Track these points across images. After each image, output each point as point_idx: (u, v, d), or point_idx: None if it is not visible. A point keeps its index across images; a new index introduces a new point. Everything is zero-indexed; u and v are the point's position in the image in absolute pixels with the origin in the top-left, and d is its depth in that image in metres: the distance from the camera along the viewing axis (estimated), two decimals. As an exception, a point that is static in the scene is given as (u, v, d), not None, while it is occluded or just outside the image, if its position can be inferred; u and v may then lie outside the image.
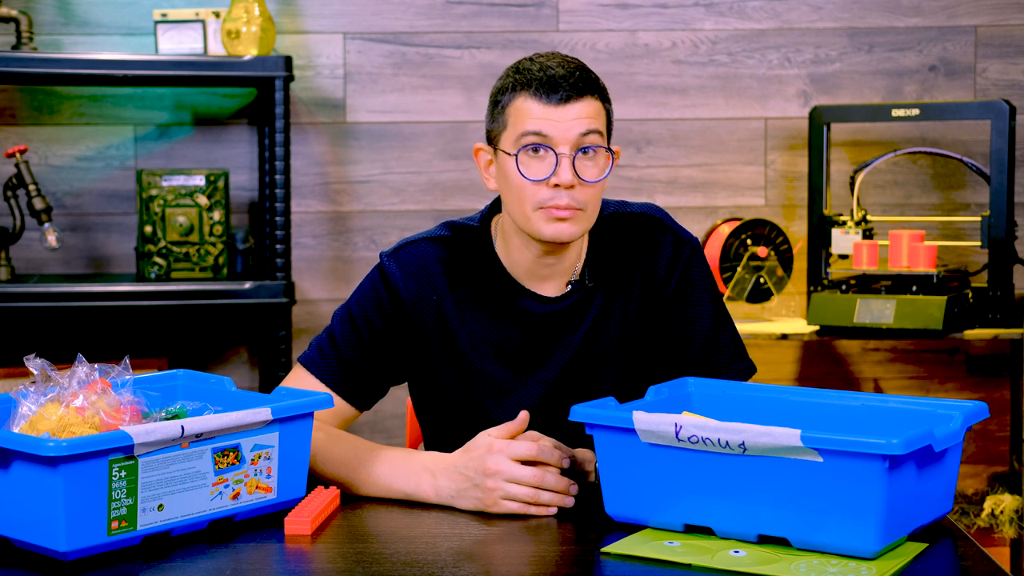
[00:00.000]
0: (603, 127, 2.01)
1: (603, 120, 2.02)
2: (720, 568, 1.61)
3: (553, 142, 1.97)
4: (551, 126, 1.97)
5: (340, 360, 2.09)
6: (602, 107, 2.02)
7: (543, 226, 1.99)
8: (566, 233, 2.00)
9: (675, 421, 1.70)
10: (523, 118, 1.98)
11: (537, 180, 1.98)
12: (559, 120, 1.97)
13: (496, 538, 1.77)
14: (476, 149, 2.09)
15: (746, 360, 2.15)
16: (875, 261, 3.47)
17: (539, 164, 1.98)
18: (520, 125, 1.99)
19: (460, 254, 2.12)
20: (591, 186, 1.99)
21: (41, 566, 1.63)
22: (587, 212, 2.00)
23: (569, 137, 1.97)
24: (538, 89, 1.98)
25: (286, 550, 1.72)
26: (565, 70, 1.99)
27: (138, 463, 1.66)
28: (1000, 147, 3.40)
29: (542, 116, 1.97)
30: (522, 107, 1.99)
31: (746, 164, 3.75)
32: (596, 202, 2.02)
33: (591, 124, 1.98)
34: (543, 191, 1.98)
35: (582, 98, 1.98)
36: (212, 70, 3.37)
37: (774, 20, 3.73)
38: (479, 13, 3.69)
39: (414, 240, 2.13)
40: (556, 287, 2.10)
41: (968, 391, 3.78)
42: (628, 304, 2.11)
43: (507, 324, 2.10)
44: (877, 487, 1.59)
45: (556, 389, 2.10)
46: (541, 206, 1.99)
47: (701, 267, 2.13)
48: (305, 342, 3.68)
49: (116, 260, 3.68)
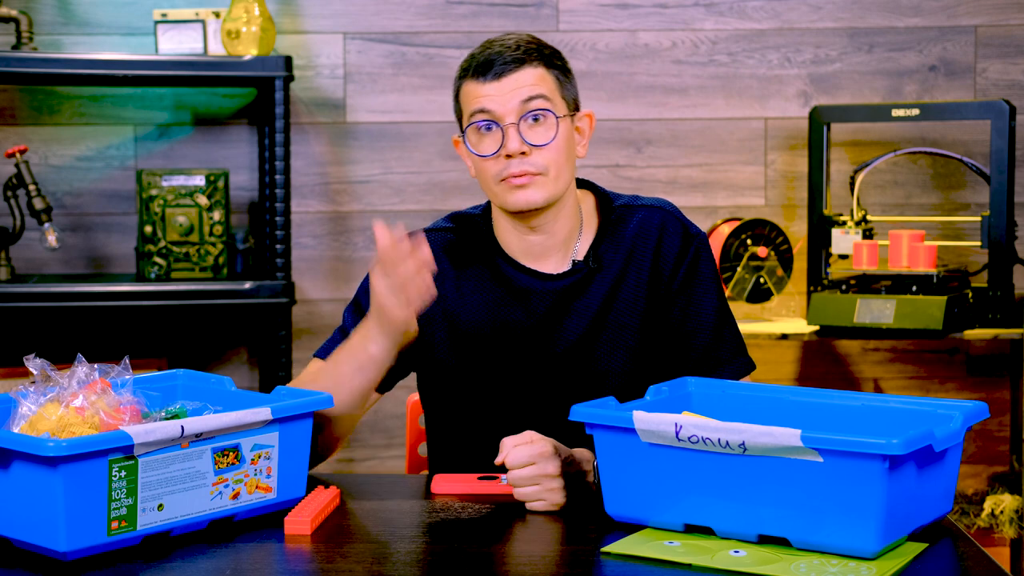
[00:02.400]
0: (549, 91, 2.07)
1: (549, 84, 2.07)
2: (720, 568, 1.61)
3: (497, 116, 2.05)
4: (491, 100, 2.06)
5: None
6: (546, 73, 2.08)
7: (507, 196, 2.07)
8: (529, 199, 2.06)
9: (675, 421, 1.70)
10: (469, 101, 2.08)
11: (488, 155, 2.06)
12: (498, 93, 2.05)
13: (496, 538, 1.77)
14: (455, 141, 2.17)
15: (746, 356, 2.18)
16: (875, 261, 3.47)
17: (489, 140, 2.07)
18: (467, 107, 2.09)
19: (463, 241, 2.18)
20: (545, 149, 2.05)
21: (41, 566, 1.63)
22: (549, 176, 2.06)
23: (510, 108, 2.05)
24: (475, 71, 2.07)
25: (286, 550, 1.72)
26: (503, 46, 2.08)
27: (138, 463, 1.66)
28: (1000, 147, 3.40)
29: (483, 93, 2.06)
30: (467, 90, 2.09)
31: (746, 164, 3.75)
32: (558, 166, 2.07)
33: (532, 91, 2.05)
34: (499, 163, 2.06)
35: (520, 68, 2.06)
36: (212, 70, 3.37)
37: (774, 20, 3.73)
38: (479, 13, 3.69)
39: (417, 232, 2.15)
40: (555, 264, 2.14)
41: (968, 391, 3.78)
42: (637, 291, 2.14)
43: (509, 303, 2.13)
44: (877, 487, 1.59)
45: (563, 371, 2.12)
46: (499, 178, 2.06)
47: (708, 261, 2.17)
48: (305, 342, 3.69)
49: (116, 260, 3.68)
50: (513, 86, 2.05)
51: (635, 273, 2.14)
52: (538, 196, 2.05)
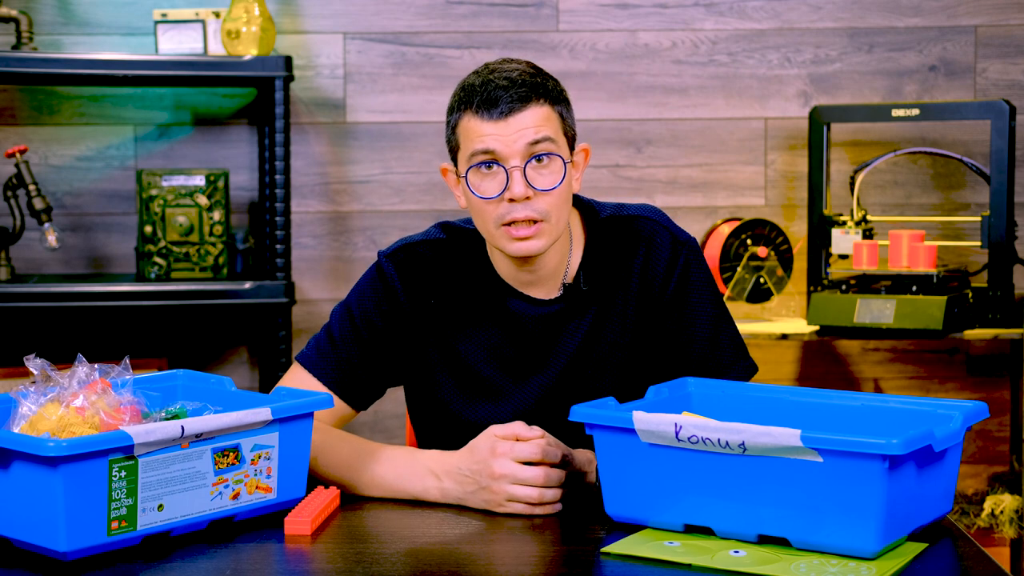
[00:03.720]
0: (554, 132, 1.99)
1: (555, 125, 1.99)
2: (720, 568, 1.61)
3: (501, 157, 1.96)
4: (496, 141, 1.96)
5: (338, 359, 2.08)
6: (552, 111, 1.99)
7: (507, 244, 2.00)
8: (531, 248, 1.99)
9: (675, 421, 1.70)
10: (470, 137, 1.98)
11: (490, 198, 1.97)
12: (503, 134, 1.96)
13: (496, 538, 1.77)
14: (443, 170, 2.09)
15: (747, 359, 2.14)
16: (875, 261, 3.47)
17: (491, 181, 1.98)
18: (468, 145, 1.99)
19: (455, 257, 2.12)
20: (549, 194, 1.98)
21: (41, 566, 1.63)
22: (551, 222, 1.99)
23: (516, 149, 1.96)
24: (479, 106, 1.97)
25: (286, 550, 1.72)
26: (507, 80, 1.97)
27: (138, 463, 1.66)
28: (1000, 147, 3.40)
29: (487, 132, 1.97)
30: (468, 126, 1.99)
31: (746, 164, 3.75)
32: (559, 210, 2.00)
33: (539, 132, 1.97)
34: (501, 207, 1.98)
35: (526, 106, 1.97)
36: (212, 70, 3.37)
37: (774, 20, 3.73)
38: (479, 13, 3.69)
39: (411, 242, 2.13)
40: (548, 290, 2.10)
41: (968, 391, 3.78)
42: (627, 307, 2.10)
43: (502, 327, 2.09)
44: (877, 487, 1.59)
45: (553, 393, 2.09)
46: (502, 222, 1.98)
47: (700, 268, 2.12)
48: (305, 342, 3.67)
49: (116, 260, 3.68)
50: (519, 126, 1.96)
51: (624, 290, 2.10)
52: (539, 245, 1.99)
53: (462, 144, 2.00)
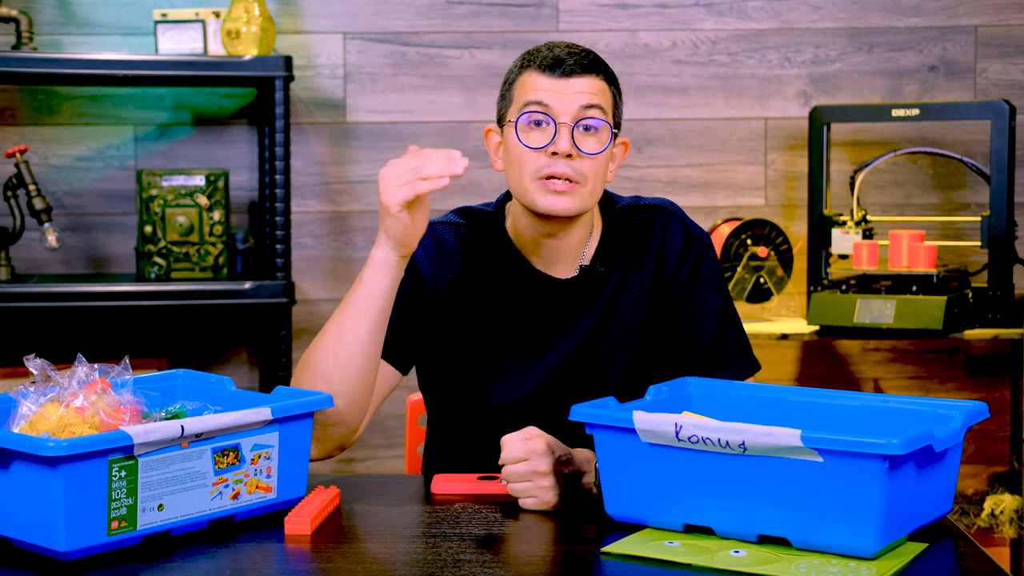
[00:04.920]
0: (607, 104, 2.05)
1: (607, 99, 2.06)
2: (720, 568, 1.61)
3: (554, 112, 2.02)
4: (552, 96, 2.02)
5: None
6: (607, 87, 2.07)
7: (539, 197, 2.03)
8: (562, 206, 2.03)
9: (675, 421, 1.70)
10: (527, 90, 2.04)
11: (536, 148, 2.02)
12: (560, 92, 2.02)
13: (496, 538, 1.77)
14: (487, 131, 2.14)
15: (751, 356, 2.17)
16: (875, 261, 3.47)
17: (539, 134, 2.03)
18: (523, 96, 2.05)
19: (474, 238, 2.16)
20: (590, 159, 2.02)
21: (41, 566, 1.63)
22: (586, 187, 2.03)
23: (570, 109, 2.02)
24: (542, 63, 2.04)
25: (286, 550, 1.72)
26: (572, 51, 2.06)
27: (138, 463, 1.66)
28: (1000, 147, 3.40)
29: (545, 87, 2.03)
30: (527, 81, 2.05)
31: (746, 164, 3.75)
32: (596, 178, 2.05)
33: (593, 99, 2.03)
34: (541, 159, 2.02)
35: (585, 74, 2.04)
36: (212, 70, 3.37)
37: (774, 20, 3.73)
38: (479, 13, 3.69)
39: (432, 223, 2.16)
40: (567, 269, 2.14)
41: (968, 391, 3.78)
42: (640, 291, 2.14)
43: (519, 305, 2.13)
44: (877, 487, 1.59)
45: (564, 372, 2.12)
46: (539, 175, 2.02)
47: (711, 261, 2.16)
48: (305, 342, 3.68)
49: (116, 260, 3.68)
50: (577, 88, 2.02)
51: (638, 274, 2.14)
52: (571, 205, 2.03)
53: (516, 97, 2.06)
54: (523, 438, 1.88)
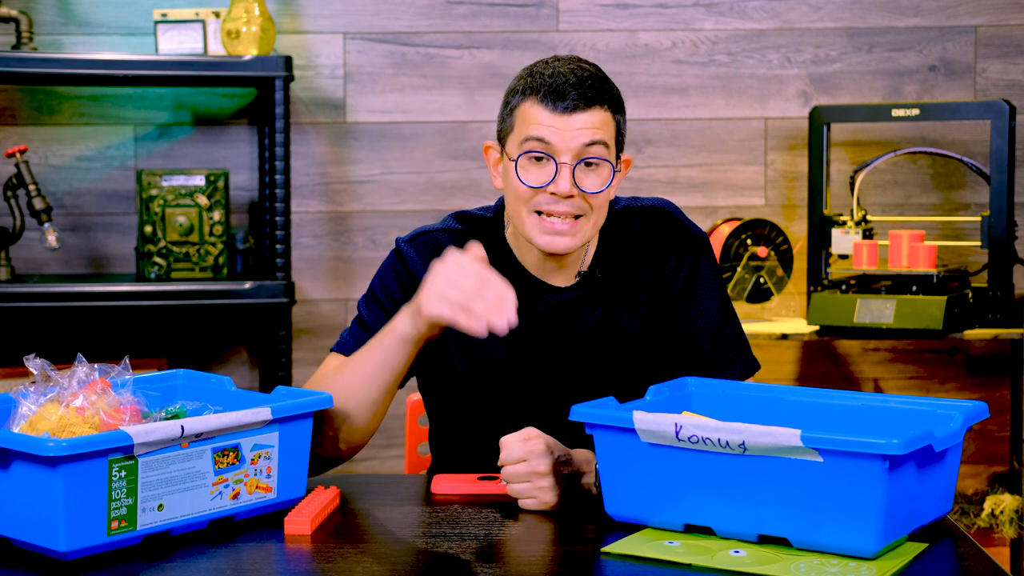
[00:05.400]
0: (610, 138, 2.01)
1: (610, 131, 2.02)
2: (720, 568, 1.61)
3: (555, 151, 1.99)
4: (554, 134, 1.98)
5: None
6: (611, 118, 2.02)
7: (537, 235, 2.02)
8: (560, 245, 2.01)
9: (675, 421, 1.70)
10: (528, 123, 2.00)
11: (535, 187, 2.00)
12: (563, 129, 1.98)
13: (496, 538, 1.77)
14: (486, 147, 2.11)
15: (751, 356, 2.17)
16: (875, 261, 3.47)
17: (539, 171, 2.00)
18: (524, 130, 2.00)
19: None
20: (591, 196, 2.00)
21: (41, 566, 1.63)
22: (589, 220, 2.02)
23: (571, 147, 1.98)
24: (546, 95, 1.99)
25: (286, 550, 1.72)
26: (577, 78, 2.00)
27: (138, 463, 1.66)
28: (1000, 147, 3.40)
29: (547, 123, 1.99)
30: (529, 112, 2.01)
31: (746, 164, 3.75)
32: (600, 209, 2.03)
33: (596, 135, 1.99)
34: (541, 196, 2.00)
35: (589, 108, 1.99)
36: (212, 70, 3.37)
37: (774, 20, 3.73)
38: (479, 13, 3.69)
39: (429, 230, 2.16)
40: (566, 277, 2.13)
41: (968, 391, 3.78)
42: (639, 295, 2.13)
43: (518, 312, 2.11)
44: (877, 487, 1.59)
45: (565, 378, 2.12)
46: (537, 210, 2.00)
47: (709, 262, 2.15)
48: (305, 342, 3.69)
49: (116, 260, 3.68)
50: (579, 125, 1.98)
51: (636, 276, 2.14)
52: (570, 244, 2.01)
53: (517, 127, 2.02)
54: (522, 439, 1.88)
